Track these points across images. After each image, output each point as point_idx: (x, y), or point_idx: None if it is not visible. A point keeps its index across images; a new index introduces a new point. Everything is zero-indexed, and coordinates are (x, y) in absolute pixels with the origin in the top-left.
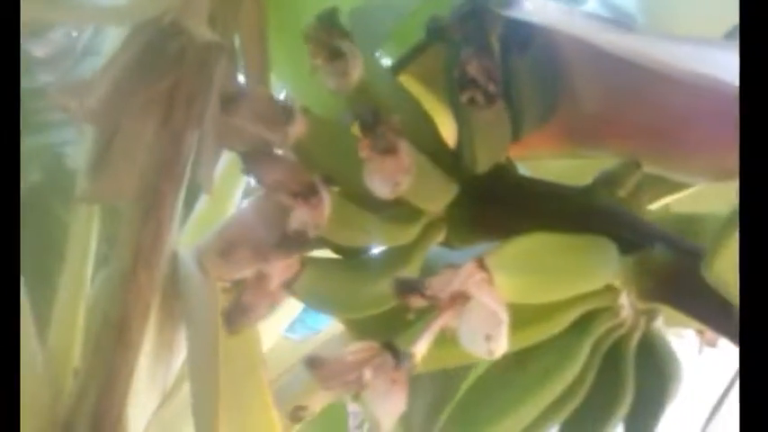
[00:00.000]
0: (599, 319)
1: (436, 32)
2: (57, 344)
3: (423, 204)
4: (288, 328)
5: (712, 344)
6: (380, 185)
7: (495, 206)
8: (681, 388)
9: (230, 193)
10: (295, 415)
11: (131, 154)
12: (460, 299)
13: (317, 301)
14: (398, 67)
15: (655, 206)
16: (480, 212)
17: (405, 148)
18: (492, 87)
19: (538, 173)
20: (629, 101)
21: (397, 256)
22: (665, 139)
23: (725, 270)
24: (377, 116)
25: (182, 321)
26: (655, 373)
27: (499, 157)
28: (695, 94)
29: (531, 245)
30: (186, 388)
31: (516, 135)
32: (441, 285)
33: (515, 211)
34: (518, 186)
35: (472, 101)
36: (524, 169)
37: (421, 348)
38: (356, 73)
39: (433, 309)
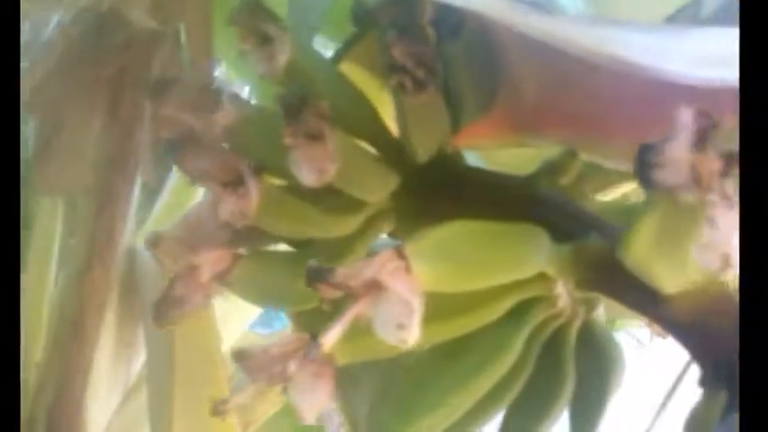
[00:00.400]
0: (535, 309)
1: (361, 17)
2: (22, 340)
3: (359, 194)
4: (265, 322)
5: (663, 334)
6: (306, 173)
7: (441, 196)
8: (624, 377)
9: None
10: (216, 409)
11: (77, 145)
12: (375, 288)
13: (254, 295)
14: (341, 53)
15: (611, 196)
16: (426, 203)
17: (331, 134)
18: (421, 73)
19: (495, 163)
20: (561, 88)
21: (339, 248)
22: (590, 125)
23: (641, 254)
24: (301, 101)
25: (141, 319)
26: (597, 363)
27: (439, 146)
28: (616, 79)
29: (454, 232)
30: None
31: (457, 124)
32: (352, 274)
33: (460, 201)
34: (463, 176)
35: (401, 86)
36: (481, 160)
37: (331, 338)
38: (283, 57)
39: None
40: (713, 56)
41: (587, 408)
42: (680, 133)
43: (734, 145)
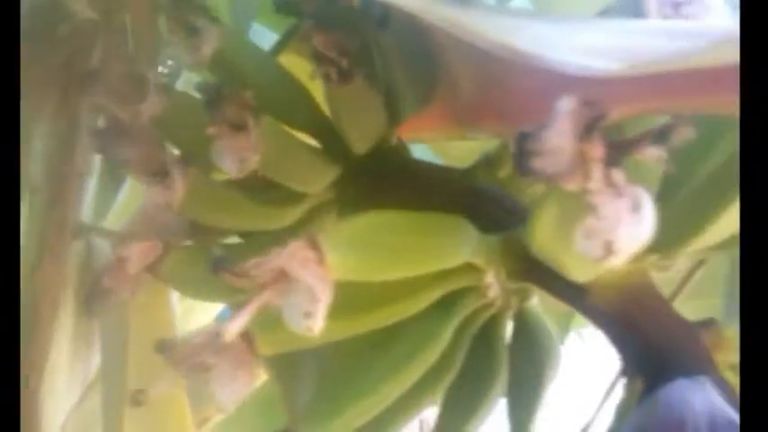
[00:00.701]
0: (465, 299)
1: (283, 6)
2: None
3: (294, 185)
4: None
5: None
6: (228, 163)
7: (383, 188)
8: (559, 366)
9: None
10: (135, 399)
11: (26, 137)
12: (283, 277)
13: (185, 287)
14: (281, 44)
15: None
16: (368, 194)
17: (255, 124)
18: (345, 63)
19: (448, 157)
20: (493, 84)
21: (281, 239)
22: (518, 119)
23: (542, 243)
24: (220, 92)
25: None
26: (531, 352)
27: (379, 138)
28: (538, 73)
29: (372, 224)
30: None
31: (396, 117)
32: (258, 264)
33: (402, 192)
34: (405, 169)
35: (327, 76)
36: (437, 155)
37: (233, 328)
38: (208, 48)
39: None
40: (604, 47)
41: (524, 397)
42: (557, 121)
43: (623, 135)
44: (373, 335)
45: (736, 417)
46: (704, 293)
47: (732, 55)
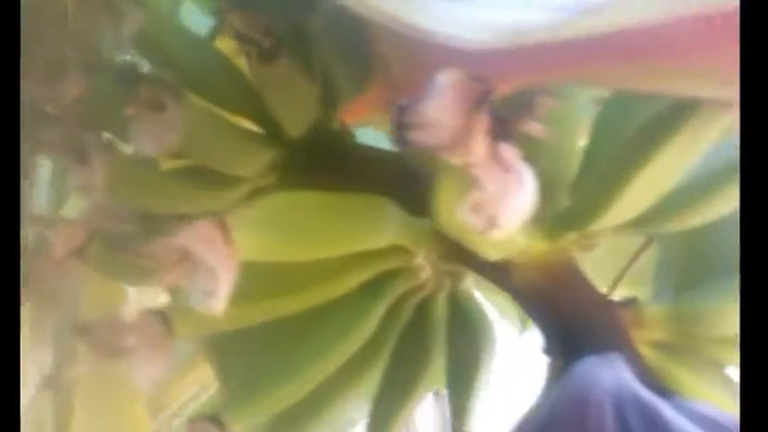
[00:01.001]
0: (395, 280)
1: None
2: None
3: (223, 168)
4: None
5: None
6: (146, 144)
7: (324, 172)
8: (495, 347)
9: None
10: (49, 383)
11: None
12: (188, 258)
13: (113, 272)
14: (218, 29)
15: None
16: (309, 178)
17: (174, 105)
18: (268, 43)
19: None
20: (418, 64)
21: None
22: None
23: (445, 220)
24: (136, 72)
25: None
26: (466, 333)
27: (317, 122)
28: (448, 51)
29: (285, 204)
30: None
31: (334, 101)
32: (162, 245)
33: (341, 175)
34: (345, 152)
35: (248, 55)
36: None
37: (134, 307)
38: (130, 29)
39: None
40: (485, 21)
41: (462, 378)
42: (436, 95)
43: (508, 110)
44: (302, 317)
45: (644, 392)
46: (634, 279)
47: (600, 25)
